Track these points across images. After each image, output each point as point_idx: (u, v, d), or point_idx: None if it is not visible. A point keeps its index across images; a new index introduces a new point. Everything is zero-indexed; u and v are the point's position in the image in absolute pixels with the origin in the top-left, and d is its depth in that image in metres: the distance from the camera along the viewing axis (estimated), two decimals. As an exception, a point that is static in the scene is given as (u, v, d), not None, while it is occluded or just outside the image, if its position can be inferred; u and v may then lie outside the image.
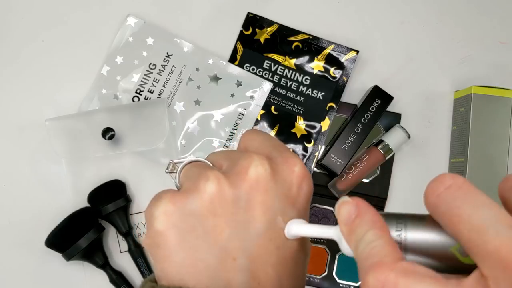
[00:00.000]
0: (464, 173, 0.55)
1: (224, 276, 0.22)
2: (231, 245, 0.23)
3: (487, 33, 0.62)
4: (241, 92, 0.59)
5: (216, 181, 0.23)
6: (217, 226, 0.23)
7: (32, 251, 0.56)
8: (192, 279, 0.22)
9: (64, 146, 0.56)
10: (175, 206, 0.23)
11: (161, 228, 0.23)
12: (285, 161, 0.25)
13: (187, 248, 0.23)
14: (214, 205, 0.23)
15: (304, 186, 0.25)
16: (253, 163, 0.24)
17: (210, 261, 0.22)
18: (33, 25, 0.60)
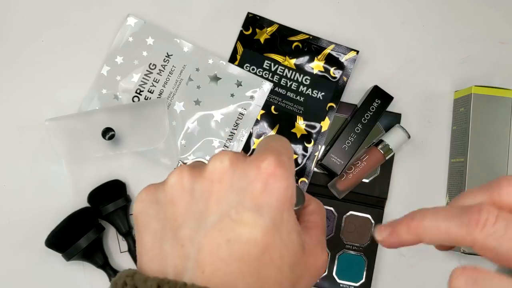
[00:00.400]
0: (464, 173, 0.55)
1: (172, 261, 0.23)
2: (182, 232, 0.24)
3: (487, 33, 0.62)
4: (241, 92, 0.59)
5: (178, 173, 0.25)
6: (174, 214, 0.24)
7: (32, 251, 0.56)
8: (148, 261, 0.24)
9: (64, 146, 0.56)
10: (147, 194, 0.26)
11: (135, 213, 0.26)
12: (256, 157, 0.25)
13: (150, 232, 0.25)
14: (173, 194, 0.25)
15: (272, 183, 0.24)
16: (213, 158, 0.25)
17: (164, 246, 0.24)
18: (33, 25, 0.60)
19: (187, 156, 0.58)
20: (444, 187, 0.59)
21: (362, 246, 0.57)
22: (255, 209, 0.23)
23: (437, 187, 0.59)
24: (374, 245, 0.57)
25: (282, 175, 0.24)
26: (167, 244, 0.24)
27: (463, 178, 0.55)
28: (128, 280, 0.23)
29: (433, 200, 0.59)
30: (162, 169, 0.58)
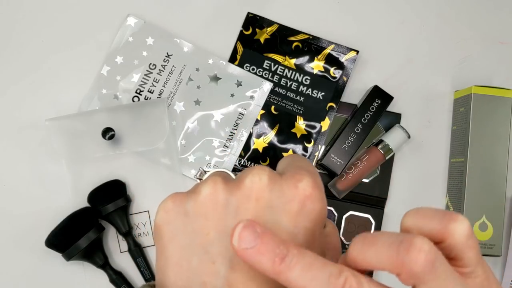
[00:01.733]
0: (464, 173, 0.55)
1: (200, 279, 0.22)
2: (214, 249, 0.23)
3: (487, 33, 0.62)
4: (241, 92, 0.59)
5: (212, 185, 0.24)
6: (205, 228, 0.23)
7: (32, 251, 0.56)
8: (173, 276, 0.23)
9: (64, 146, 0.56)
10: (174, 204, 0.25)
11: (159, 222, 0.25)
12: (291, 176, 0.24)
13: (176, 245, 0.24)
14: (206, 207, 0.24)
15: (308, 205, 0.23)
16: (251, 173, 0.24)
17: (192, 262, 0.23)
18: (33, 25, 0.60)
19: (187, 156, 0.58)
20: (444, 187, 0.59)
21: (362, 246, 0.57)
22: (290, 229, 0.23)
23: (437, 187, 0.59)
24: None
25: (318, 197, 0.24)
26: (195, 260, 0.23)
27: (463, 178, 0.55)
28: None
29: (433, 200, 0.59)
30: (162, 169, 0.58)
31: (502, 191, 0.54)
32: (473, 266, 0.22)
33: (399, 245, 0.19)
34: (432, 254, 0.19)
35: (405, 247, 0.19)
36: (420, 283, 0.19)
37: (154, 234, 0.25)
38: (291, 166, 0.25)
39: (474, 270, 0.22)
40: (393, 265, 0.19)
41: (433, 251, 0.19)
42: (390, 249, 0.19)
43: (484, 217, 0.54)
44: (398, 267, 0.19)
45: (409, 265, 0.19)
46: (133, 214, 0.58)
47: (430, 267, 0.19)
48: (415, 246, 0.19)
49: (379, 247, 0.20)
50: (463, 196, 0.55)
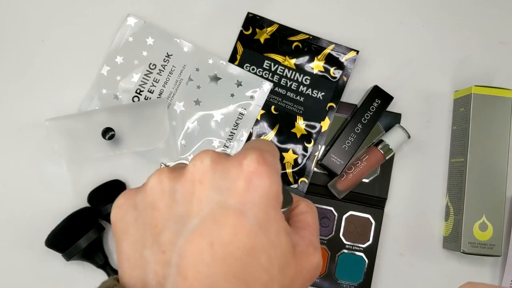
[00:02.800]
0: (464, 173, 0.55)
1: (153, 269, 0.22)
2: (163, 238, 0.23)
3: (487, 33, 0.62)
4: (241, 92, 0.59)
5: (157, 176, 0.24)
6: (154, 219, 0.23)
7: (32, 251, 0.56)
8: (128, 268, 0.24)
9: (64, 146, 0.56)
10: (124, 200, 0.25)
11: (112, 219, 0.25)
12: (237, 155, 0.23)
13: (128, 240, 0.24)
14: (153, 198, 0.24)
15: (255, 180, 0.22)
16: (194, 158, 0.24)
17: (145, 254, 0.23)
18: (33, 25, 0.60)
19: (187, 156, 0.58)
20: (444, 187, 0.59)
21: (362, 246, 0.57)
22: (238, 208, 0.22)
23: (437, 187, 0.59)
24: (374, 245, 0.57)
25: (265, 172, 0.23)
26: (147, 251, 0.23)
27: (463, 178, 0.55)
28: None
29: (433, 200, 0.59)
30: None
31: (502, 191, 0.54)
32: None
33: None
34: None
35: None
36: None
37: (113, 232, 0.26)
38: (242, 148, 0.25)
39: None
40: None
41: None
42: None
43: (484, 217, 0.54)
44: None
45: None
46: (133, 214, 0.58)
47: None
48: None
49: None
50: (463, 196, 0.55)
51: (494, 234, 0.54)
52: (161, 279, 0.22)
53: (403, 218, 0.59)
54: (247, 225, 0.22)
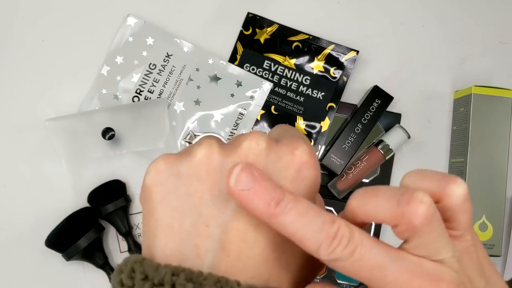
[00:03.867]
0: (464, 173, 0.55)
1: (193, 241, 0.22)
2: (207, 211, 0.22)
3: (487, 33, 0.62)
4: (241, 92, 0.59)
5: (207, 147, 0.23)
6: (199, 191, 0.23)
7: (32, 251, 0.56)
8: (164, 238, 0.22)
9: (64, 146, 0.56)
10: (166, 165, 0.24)
11: (149, 183, 0.24)
12: (288, 143, 0.24)
13: (167, 207, 0.23)
14: (200, 169, 0.23)
15: (304, 172, 0.23)
16: (248, 137, 0.23)
17: (184, 224, 0.22)
18: (33, 25, 0.60)
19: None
20: (444, 187, 0.59)
21: (362, 246, 0.57)
22: None
23: (437, 187, 0.59)
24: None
25: (314, 165, 0.23)
26: (188, 222, 0.22)
27: (463, 178, 0.55)
28: (137, 266, 0.21)
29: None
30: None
31: (502, 191, 0.54)
32: (463, 230, 0.22)
33: (400, 197, 0.20)
34: (431, 209, 0.19)
35: (406, 199, 0.19)
36: (414, 236, 0.20)
37: (142, 197, 0.24)
38: (286, 134, 0.25)
39: (464, 235, 0.22)
40: (392, 216, 0.20)
41: (432, 206, 0.20)
42: (390, 201, 0.20)
43: (484, 217, 0.54)
44: (397, 218, 0.20)
45: (408, 216, 0.19)
46: (133, 214, 0.58)
47: (428, 220, 0.19)
48: (416, 198, 0.19)
49: (379, 199, 0.20)
50: (463, 196, 0.55)
51: (494, 234, 0.54)
52: (201, 253, 0.22)
53: (403, 218, 0.59)
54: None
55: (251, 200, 0.20)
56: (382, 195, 0.20)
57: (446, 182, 0.21)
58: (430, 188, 0.21)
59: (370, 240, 0.20)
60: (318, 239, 0.19)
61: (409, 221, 0.19)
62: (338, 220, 0.20)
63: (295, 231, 0.20)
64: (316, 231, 0.19)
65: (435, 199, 0.21)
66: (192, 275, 0.20)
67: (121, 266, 0.22)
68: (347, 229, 0.20)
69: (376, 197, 0.20)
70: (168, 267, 0.21)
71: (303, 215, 0.20)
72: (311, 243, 0.20)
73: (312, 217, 0.20)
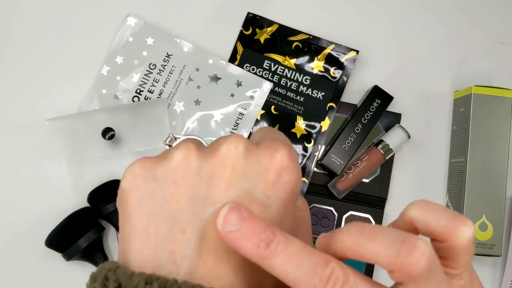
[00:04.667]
0: (464, 173, 0.55)
1: (169, 247, 0.21)
2: (184, 216, 0.21)
3: (487, 33, 0.62)
4: (241, 92, 0.59)
5: (184, 151, 0.23)
6: (175, 195, 0.22)
7: (32, 251, 0.56)
8: (139, 244, 0.22)
9: (64, 146, 0.56)
10: (143, 169, 0.23)
11: (125, 187, 0.23)
12: (268, 146, 0.23)
13: (143, 212, 0.22)
14: (176, 173, 0.22)
15: (285, 176, 0.22)
16: (227, 141, 0.23)
17: (161, 229, 0.22)
18: (33, 25, 0.60)
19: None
20: (444, 187, 0.59)
21: (362, 246, 0.57)
22: (263, 201, 0.22)
23: (437, 187, 0.59)
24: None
25: (294, 168, 0.23)
26: (164, 228, 0.22)
27: (463, 178, 0.55)
28: (110, 274, 0.21)
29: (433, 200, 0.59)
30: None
31: (502, 191, 0.54)
32: (462, 269, 0.22)
33: (401, 244, 0.19)
34: (432, 259, 0.19)
35: (407, 248, 0.19)
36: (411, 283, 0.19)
37: (118, 201, 0.24)
38: (266, 137, 0.25)
39: (462, 273, 0.22)
40: (391, 263, 0.19)
41: (433, 256, 0.19)
42: (390, 247, 0.19)
43: (484, 217, 0.54)
44: (395, 266, 0.19)
45: (408, 266, 0.19)
46: (133, 214, 0.58)
47: (428, 270, 0.19)
48: (418, 248, 0.19)
49: (378, 243, 0.19)
50: (463, 196, 0.55)
51: (494, 234, 0.54)
52: (177, 259, 0.21)
53: (403, 218, 0.59)
54: (268, 218, 0.22)
55: (239, 242, 0.19)
56: (381, 239, 0.19)
57: (456, 223, 0.21)
58: (438, 227, 0.21)
59: (365, 282, 0.19)
60: (311, 282, 0.19)
61: (407, 271, 0.19)
62: (332, 262, 0.19)
63: (286, 274, 0.19)
64: (309, 274, 0.19)
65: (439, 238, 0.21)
66: (166, 283, 0.20)
67: (95, 274, 0.21)
68: (341, 271, 0.19)
69: (374, 241, 0.20)
70: (141, 275, 0.20)
71: (295, 256, 0.19)
72: (304, 286, 0.19)
73: (305, 258, 0.19)
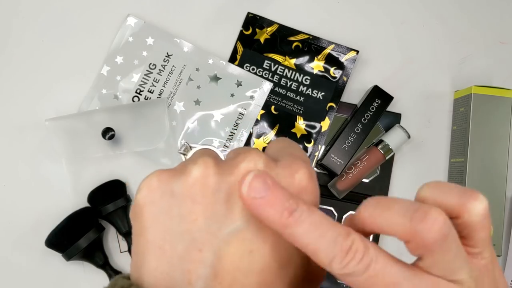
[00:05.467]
0: (464, 173, 0.55)
1: (185, 266, 0.21)
2: (201, 236, 0.21)
3: (487, 33, 0.62)
4: (241, 92, 0.59)
5: (203, 167, 0.22)
6: (192, 213, 0.22)
7: (32, 251, 0.56)
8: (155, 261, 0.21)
9: (64, 146, 0.56)
10: (160, 182, 0.23)
11: (141, 201, 0.23)
12: (288, 165, 0.23)
13: (159, 228, 0.22)
14: (195, 190, 0.22)
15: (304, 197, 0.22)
16: (247, 158, 0.22)
17: (177, 247, 0.21)
18: (33, 25, 0.60)
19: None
20: (444, 187, 0.59)
21: (362, 246, 0.57)
22: None
23: (437, 187, 0.59)
24: (374, 245, 0.57)
25: (313, 190, 0.23)
26: (180, 246, 0.21)
27: (463, 178, 0.55)
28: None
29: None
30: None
31: (502, 191, 0.54)
32: (482, 247, 0.21)
33: (413, 213, 0.19)
34: (446, 227, 0.19)
35: (420, 216, 0.19)
36: (428, 254, 0.19)
37: (133, 214, 0.23)
38: (284, 153, 0.24)
39: (482, 252, 0.21)
40: (405, 232, 0.19)
41: (447, 224, 0.19)
42: (404, 216, 0.19)
43: (484, 217, 0.54)
44: (410, 235, 0.19)
45: (421, 234, 0.19)
46: (133, 214, 0.58)
47: (443, 239, 0.19)
48: (430, 216, 0.19)
49: (392, 213, 0.20)
50: (463, 196, 0.55)
51: (494, 234, 0.54)
52: (192, 279, 0.21)
53: (403, 218, 0.59)
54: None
55: (263, 209, 0.19)
56: (395, 209, 0.20)
57: (467, 197, 0.20)
58: (450, 203, 0.21)
59: (386, 256, 0.19)
60: (331, 252, 0.19)
61: (422, 239, 0.19)
62: (352, 234, 0.19)
63: (308, 243, 0.19)
64: (330, 244, 0.19)
65: (453, 215, 0.21)
66: None
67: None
68: (362, 243, 0.19)
69: (389, 211, 0.20)
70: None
71: (317, 226, 0.19)
72: (324, 256, 0.19)
73: (326, 229, 0.19)
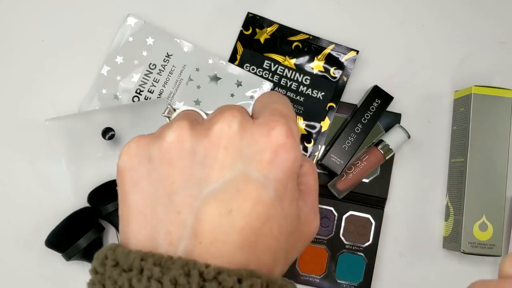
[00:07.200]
0: (464, 173, 0.55)
1: (166, 228, 0.21)
2: (179, 198, 0.22)
3: (487, 33, 0.62)
4: (241, 92, 0.59)
5: (177, 131, 0.23)
6: (170, 176, 0.22)
7: (32, 251, 0.56)
8: (137, 225, 0.22)
9: (64, 146, 0.56)
10: (138, 148, 0.23)
11: (121, 167, 0.24)
12: (265, 123, 0.23)
13: (139, 193, 0.23)
14: (171, 154, 0.22)
15: (281, 154, 0.22)
16: (221, 119, 0.22)
17: (157, 210, 0.22)
18: (33, 25, 0.60)
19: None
20: (444, 187, 0.59)
21: (362, 246, 0.57)
22: (260, 181, 0.22)
23: (437, 187, 0.59)
24: (374, 245, 0.57)
25: (292, 146, 0.22)
26: (160, 209, 0.22)
27: (463, 178, 0.55)
28: (110, 253, 0.21)
29: (433, 200, 0.59)
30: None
31: (502, 191, 0.54)
32: None
33: None
34: None
35: None
36: None
37: (117, 179, 0.24)
38: (265, 109, 0.24)
39: None
40: None
41: None
42: None
43: (484, 217, 0.54)
44: None
45: None
46: (133, 214, 0.58)
47: None
48: None
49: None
50: (463, 196, 0.55)
51: (494, 234, 0.54)
52: (174, 240, 0.21)
53: (403, 218, 0.59)
54: (267, 199, 0.22)
55: None
56: None
57: None
58: None
59: None
60: None
61: None
62: None
63: None
64: None
65: None
66: (161, 259, 0.20)
67: (97, 254, 0.22)
68: None
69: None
70: (138, 252, 0.21)
71: None
72: None
73: None
